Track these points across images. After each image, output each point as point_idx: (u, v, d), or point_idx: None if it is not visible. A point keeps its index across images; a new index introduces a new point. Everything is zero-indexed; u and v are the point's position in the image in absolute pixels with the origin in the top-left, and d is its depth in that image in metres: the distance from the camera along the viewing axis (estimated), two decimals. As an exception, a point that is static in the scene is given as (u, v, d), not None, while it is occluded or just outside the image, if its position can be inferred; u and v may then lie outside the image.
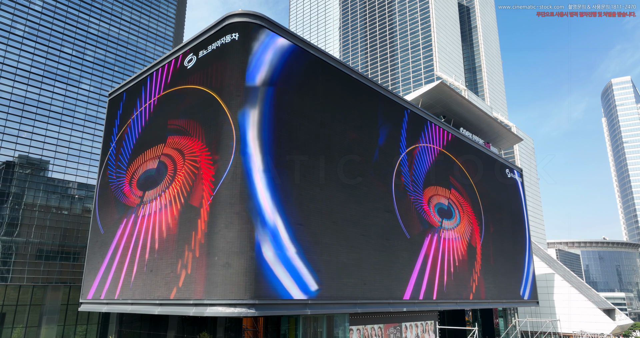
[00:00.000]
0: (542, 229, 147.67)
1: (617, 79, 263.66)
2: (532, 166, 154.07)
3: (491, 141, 68.27)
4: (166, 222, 30.22)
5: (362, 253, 33.22)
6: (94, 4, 71.88)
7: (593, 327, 74.02)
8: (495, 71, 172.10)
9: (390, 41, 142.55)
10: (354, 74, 37.24)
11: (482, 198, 54.40)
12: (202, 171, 28.56)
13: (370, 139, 37.45)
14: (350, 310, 31.40)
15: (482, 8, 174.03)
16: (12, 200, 56.89)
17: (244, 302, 24.29)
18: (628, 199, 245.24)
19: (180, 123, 32.07)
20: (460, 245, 47.45)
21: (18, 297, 55.78)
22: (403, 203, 39.68)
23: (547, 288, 79.31)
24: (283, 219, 27.65)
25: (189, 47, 33.49)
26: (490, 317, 57.54)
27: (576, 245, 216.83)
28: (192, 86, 31.99)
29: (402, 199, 39.68)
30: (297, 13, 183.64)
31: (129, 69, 73.76)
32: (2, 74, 59.52)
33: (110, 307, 34.03)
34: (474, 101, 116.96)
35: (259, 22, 29.87)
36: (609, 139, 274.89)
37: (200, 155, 29.22)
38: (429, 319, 42.50)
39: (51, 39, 65.27)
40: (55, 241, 59.23)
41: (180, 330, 32.68)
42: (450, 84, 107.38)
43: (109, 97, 44.49)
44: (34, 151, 60.51)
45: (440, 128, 49.11)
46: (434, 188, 45.36)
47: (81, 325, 59.41)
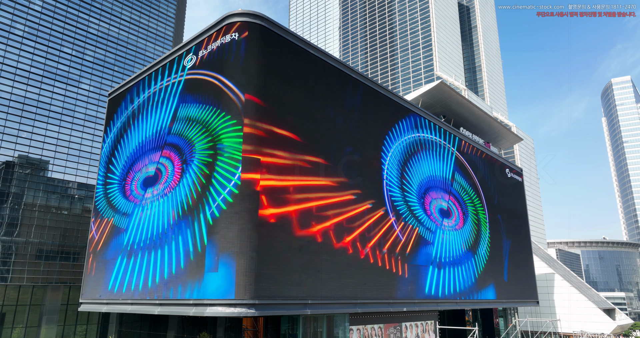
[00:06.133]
0: (542, 229, 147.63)
1: (617, 78, 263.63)
2: (532, 166, 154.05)
3: (491, 141, 68.25)
4: (166, 222, 30.19)
5: (362, 253, 33.18)
6: (94, 4, 71.80)
7: (593, 326, 74.01)
8: (495, 70, 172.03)
9: (390, 41, 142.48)
10: (354, 74, 37.19)
11: (482, 197, 54.36)
12: (202, 170, 28.54)
13: (371, 139, 37.42)
14: (350, 310, 31.38)
15: (482, 8, 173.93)
16: (12, 200, 56.84)
17: (244, 302, 24.26)
18: (628, 199, 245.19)
19: (181, 123, 32.03)
20: (461, 244, 47.42)
21: (18, 296, 55.72)
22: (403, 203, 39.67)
23: (547, 288, 79.28)
24: (283, 219, 27.62)
25: (188, 47, 33.46)
26: (490, 317, 57.53)
27: (576, 244, 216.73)
28: (192, 85, 31.95)
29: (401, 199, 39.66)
30: (297, 12, 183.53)
31: (128, 69, 73.69)
32: (2, 74, 59.44)
33: (110, 307, 34.00)
34: (474, 101, 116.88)
35: (258, 22, 29.83)
36: (609, 139, 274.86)
37: (201, 154, 29.20)
38: (429, 319, 42.49)
39: (51, 38, 65.20)
40: (55, 241, 59.17)
41: (180, 330, 32.66)
42: (450, 84, 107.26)
43: (108, 97, 44.46)
44: (33, 151, 60.43)
45: (441, 128, 49.08)
46: (433, 188, 45.32)
47: (81, 325, 59.37)
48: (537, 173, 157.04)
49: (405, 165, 41.47)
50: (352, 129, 35.35)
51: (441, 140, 48.55)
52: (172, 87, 34.19)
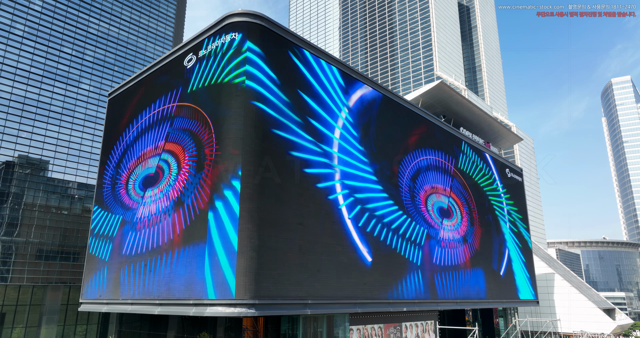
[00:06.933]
0: (542, 229, 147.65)
1: (617, 78, 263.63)
2: (532, 166, 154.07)
3: (491, 141, 68.24)
4: (166, 222, 30.19)
5: (362, 253, 33.18)
6: (94, 4, 71.81)
7: (593, 326, 74.01)
8: (495, 70, 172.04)
9: (390, 41, 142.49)
10: (354, 74, 37.19)
11: (482, 197, 54.36)
12: (203, 170, 28.54)
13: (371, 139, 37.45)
14: (350, 310, 31.38)
15: (482, 8, 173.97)
16: (12, 200, 56.85)
17: (244, 302, 24.26)
18: (628, 199, 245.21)
19: (181, 123, 32.04)
20: (461, 244, 47.42)
21: (18, 296, 55.73)
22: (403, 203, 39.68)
23: (547, 287, 79.28)
24: (283, 219, 27.63)
25: (188, 47, 33.46)
26: (490, 317, 57.53)
27: (576, 244, 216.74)
28: (192, 85, 31.96)
29: (402, 199, 39.66)
30: (297, 12, 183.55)
31: (128, 69, 73.70)
32: (2, 74, 59.45)
33: (110, 307, 34.00)
34: (474, 101, 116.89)
35: (258, 22, 29.84)
36: (609, 139, 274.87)
37: (201, 154, 29.20)
38: (429, 319, 42.49)
39: (51, 38, 65.20)
40: (55, 241, 59.18)
41: (180, 330, 32.67)
42: (450, 84, 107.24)
43: (108, 97, 44.46)
44: (33, 151, 60.45)
45: (442, 128, 49.10)
46: (433, 188, 45.33)
47: (81, 325, 59.37)
48: (537, 173, 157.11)
49: (409, 165, 41.48)
50: (352, 129, 35.34)
51: (441, 138, 48.59)
52: (172, 86, 34.18)
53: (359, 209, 33.92)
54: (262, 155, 27.39)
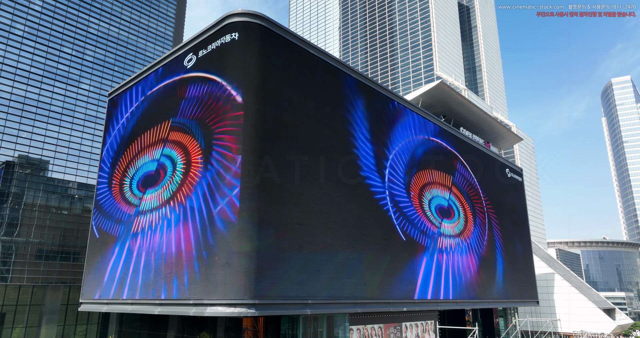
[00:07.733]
0: (542, 229, 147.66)
1: (617, 78, 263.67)
2: (532, 166, 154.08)
3: (491, 141, 68.23)
4: (166, 222, 30.19)
5: (362, 253, 33.19)
6: (94, 4, 71.81)
7: (593, 326, 74.01)
8: (495, 70, 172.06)
9: (390, 41, 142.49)
10: (354, 74, 37.19)
11: (482, 197, 54.36)
12: (203, 170, 28.53)
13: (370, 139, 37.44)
14: (350, 310, 31.37)
15: (482, 8, 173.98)
16: (12, 200, 56.85)
17: (244, 301, 24.26)
18: (628, 199, 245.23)
19: (181, 123, 32.03)
20: (461, 244, 47.42)
21: (18, 296, 55.74)
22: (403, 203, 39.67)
23: (547, 287, 79.29)
24: (283, 219, 27.62)
25: (188, 47, 33.46)
26: (490, 317, 57.52)
27: (576, 244, 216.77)
28: (192, 85, 31.95)
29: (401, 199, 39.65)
30: (297, 12, 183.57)
31: (128, 69, 73.69)
32: (2, 74, 59.46)
33: (110, 307, 33.99)
34: (474, 101, 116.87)
35: (258, 22, 29.83)
36: (609, 139, 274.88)
37: (201, 154, 29.19)
38: (429, 319, 42.49)
39: (51, 39, 65.20)
40: (55, 241, 59.18)
41: (180, 330, 32.67)
42: (450, 84, 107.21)
43: (108, 97, 44.44)
44: (33, 151, 60.45)
45: (441, 128, 49.09)
46: (433, 188, 45.33)
47: (81, 325, 59.38)
48: (537, 173, 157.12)
49: (409, 166, 41.47)
50: (351, 128, 35.34)
51: (442, 142, 48.58)
52: (172, 86, 34.17)
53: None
54: (262, 155, 27.38)
